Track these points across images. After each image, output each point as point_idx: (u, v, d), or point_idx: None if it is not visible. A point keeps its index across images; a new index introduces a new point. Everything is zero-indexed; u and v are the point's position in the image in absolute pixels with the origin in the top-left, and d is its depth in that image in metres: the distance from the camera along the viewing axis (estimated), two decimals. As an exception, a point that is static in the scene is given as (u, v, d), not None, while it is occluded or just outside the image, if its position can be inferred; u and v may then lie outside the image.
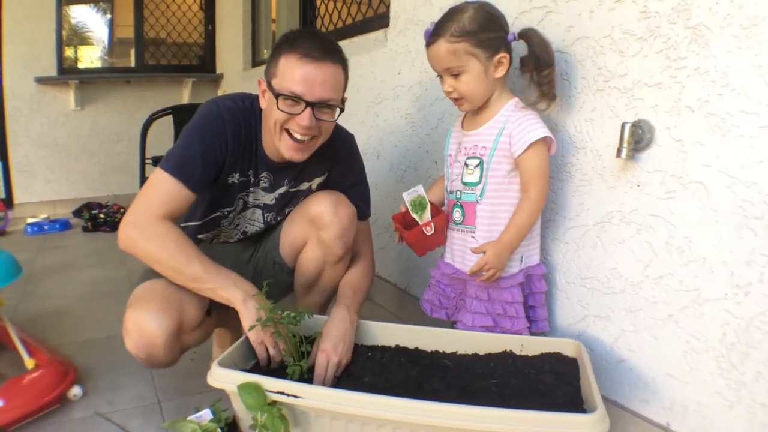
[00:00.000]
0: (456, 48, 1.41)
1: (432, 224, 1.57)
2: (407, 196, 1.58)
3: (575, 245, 1.52)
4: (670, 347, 1.30)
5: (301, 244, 1.71)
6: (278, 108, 1.41)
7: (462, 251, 1.56)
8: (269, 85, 1.44)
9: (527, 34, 1.46)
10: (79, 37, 5.24)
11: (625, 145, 1.29)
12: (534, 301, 1.56)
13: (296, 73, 1.38)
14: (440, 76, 1.50)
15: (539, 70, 1.46)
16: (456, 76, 1.45)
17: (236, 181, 1.58)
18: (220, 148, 1.47)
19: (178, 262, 1.38)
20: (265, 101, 1.48)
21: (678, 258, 1.27)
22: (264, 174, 1.62)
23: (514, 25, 1.64)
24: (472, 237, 1.52)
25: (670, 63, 1.25)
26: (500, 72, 1.45)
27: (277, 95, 1.40)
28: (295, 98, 1.39)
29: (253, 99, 1.56)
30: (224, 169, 1.52)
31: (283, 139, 1.47)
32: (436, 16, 2.01)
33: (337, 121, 1.53)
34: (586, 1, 1.43)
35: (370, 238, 1.82)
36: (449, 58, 1.43)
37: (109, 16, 5.36)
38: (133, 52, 5.31)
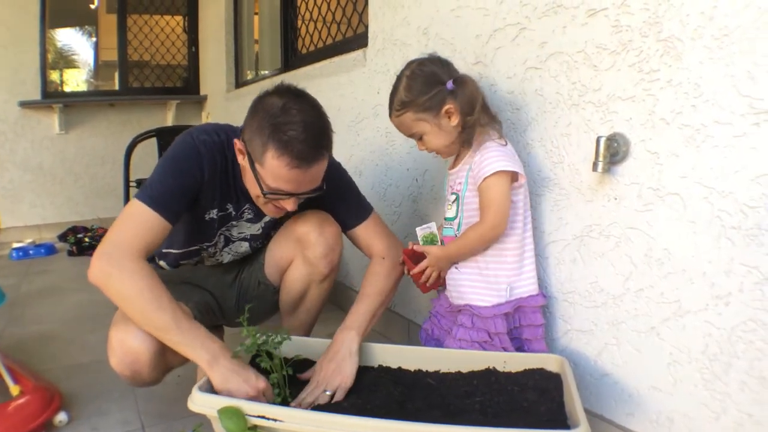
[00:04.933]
0: (402, 120, 1.49)
1: None
2: (420, 231, 1.59)
3: (555, 260, 1.52)
4: (653, 360, 1.29)
5: (287, 263, 1.71)
6: (264, 197, 1.42)
7: (451, 284, 1.56)
8: (251, 164, 1.40)
9: (462, 80, 1.45)
10: (65, 61, 5.23)
11: (600, 158, 1.30)
12: (529, 334, 1.49)
13: (285, 176, 1.36)
14: None
15: (464, 116, 1.45)
16: (420, 138, 1.51)
17: (215, 217, 1.57)
18: (195, 182, 1.45)
19: (148, 305, 1.27)
20: (245, 163, 1.43)
21: (658, 270, 1.27)
22: (247, 206, 1.61)
23: (489, 44, 1.66)
24: (456, 268, 1.53)
25: (643, 76, 1.26)
26: (454, 120, 1.46)
27: (264, 192, 1.40)
28: (282, 194, 1.40)
29: (228, 131, 1.52)
30: (200, 203, 1.51)
31: (265, 207, 1.51)
32: (414, 36, 2.06)
33: None
34: (559, 16, 1.44)
35: (383, 228, 1.72)
36: (403, 128, 1.51)
37: (93, 39, 5.36)
38: (117, 75, 5.30)
